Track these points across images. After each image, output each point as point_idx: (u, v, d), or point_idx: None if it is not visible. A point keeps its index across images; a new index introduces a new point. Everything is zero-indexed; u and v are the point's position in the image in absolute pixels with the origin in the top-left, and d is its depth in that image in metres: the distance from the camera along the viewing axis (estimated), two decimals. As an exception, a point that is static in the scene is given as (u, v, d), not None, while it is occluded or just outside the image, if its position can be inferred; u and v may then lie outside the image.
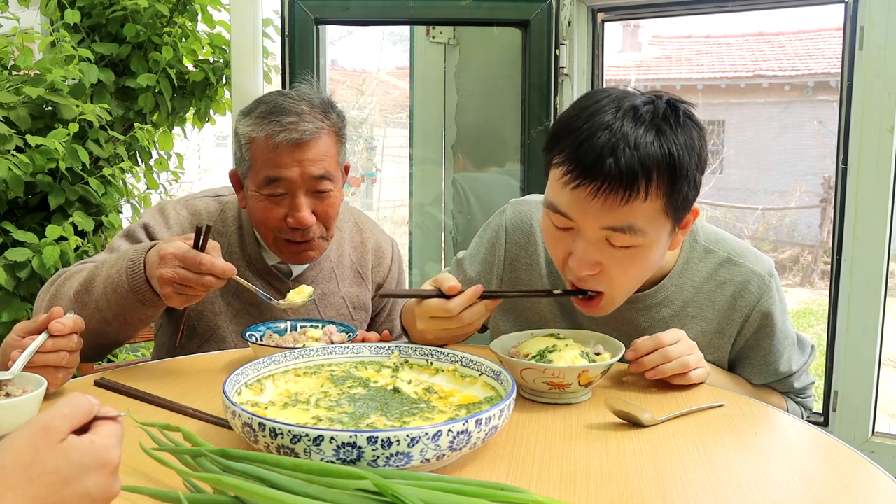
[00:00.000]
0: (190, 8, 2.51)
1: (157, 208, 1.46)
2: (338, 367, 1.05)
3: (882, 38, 1.87)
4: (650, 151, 1.00)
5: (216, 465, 0.73)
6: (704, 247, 1.24)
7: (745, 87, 8.56)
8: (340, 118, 1.40)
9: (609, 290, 1.11)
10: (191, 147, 5.87)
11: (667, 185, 1.02)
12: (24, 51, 2.24)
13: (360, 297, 1.55)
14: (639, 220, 1.03)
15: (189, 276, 1.08)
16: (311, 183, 1.33)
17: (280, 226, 1.34)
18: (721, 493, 0.79)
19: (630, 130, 1.00)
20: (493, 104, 2.61)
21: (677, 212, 1.06)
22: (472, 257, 1.39)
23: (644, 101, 1.04)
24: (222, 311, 1.43)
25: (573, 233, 1.08)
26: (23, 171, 2.07)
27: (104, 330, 1.20)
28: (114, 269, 1.17)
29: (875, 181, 1.90)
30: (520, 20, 2.21)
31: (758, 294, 1.21)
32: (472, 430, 0.78)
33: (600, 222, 1.04)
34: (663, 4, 2.25)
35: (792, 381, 1.29)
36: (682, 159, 1.02)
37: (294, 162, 1.30)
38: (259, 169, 1.32)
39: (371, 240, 1.59)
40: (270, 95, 1.37)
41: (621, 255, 1.07)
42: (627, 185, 1.00)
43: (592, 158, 1.00)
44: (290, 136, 1.29)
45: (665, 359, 1.09)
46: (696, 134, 1.05)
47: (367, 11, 2.23)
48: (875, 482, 0.83)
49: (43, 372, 1.01)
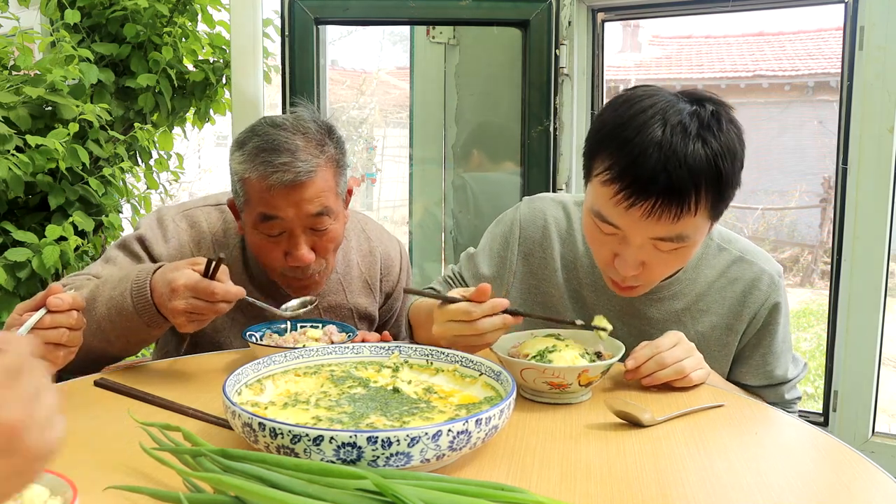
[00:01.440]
0: (190, 8, 2.51)
1: (154, 218, 1.41)
2: (338, 367, 1.05)
3: (882, 38, 1.87)
4: (699, 165, 1.02)
5: (216, 465, 0.73)
6: (718, 244, 1.28)
7: (745, 87, 8.56)
8: (339, 147, 1.33)
9: (647, 282, 1.17)
10: (191, 147, 5.88)
11: (713, 195, 1.06)
12: (24, 51, 2.24)
13: (367, 308, 1.53)
14: (687, 230, 1.07)
15: (202, 306, 1.08)
16: (309, 221, 1.27)
17: (280, 262, 1.31)
18: (721, 493, 0.79)
19: (680, 147, 1.02)
20: (493, 104, 2.62)
21: (718, 214, 1.11)
22: (484, 253, 1.38)
23: (690, 113, 1.05)
24: (226, 327, 1.41)
25: (619, 238, 1.11)
26: (23, 171, 2.07)
27: (105, 349, 1.19)
28: (116, 291, 1.15)
29: (875, 181, 1.90)
30: (520, 20, 2.21)
31: (767, 291, 1.24)
32: (472, 430, 0.78)
33: (650, 234, 1.08)
34: (663, 4, 2.25)
35: (783, 390, 1.29)
36: (727, 168, 1.05)
37: (289, 204, 1.24)
38: (254, 207, 1.27)
39: (380, 248, 1.55)
40: (264, 126, 1.29)
41: (666, 256, 1.11)
42: (679, 202, 1.03)
43: (645, 178, 1.02)
44: (283, 177, 1.22)
45: (660, 365, 1.09)
46: (736, 139, 1.07)
47: (367, 11, 2.23)
48: (875, 482, 0.83)
49: (42, 349, 0.99)
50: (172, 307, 1.08)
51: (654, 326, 1.26)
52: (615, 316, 1.27)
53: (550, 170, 2.24)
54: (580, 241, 1.32)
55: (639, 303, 1.26)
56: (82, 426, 0.94)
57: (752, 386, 1.29)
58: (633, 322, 1.27)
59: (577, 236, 1.32)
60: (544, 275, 1.33)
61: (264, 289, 1.42)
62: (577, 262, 1.31)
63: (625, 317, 1.28)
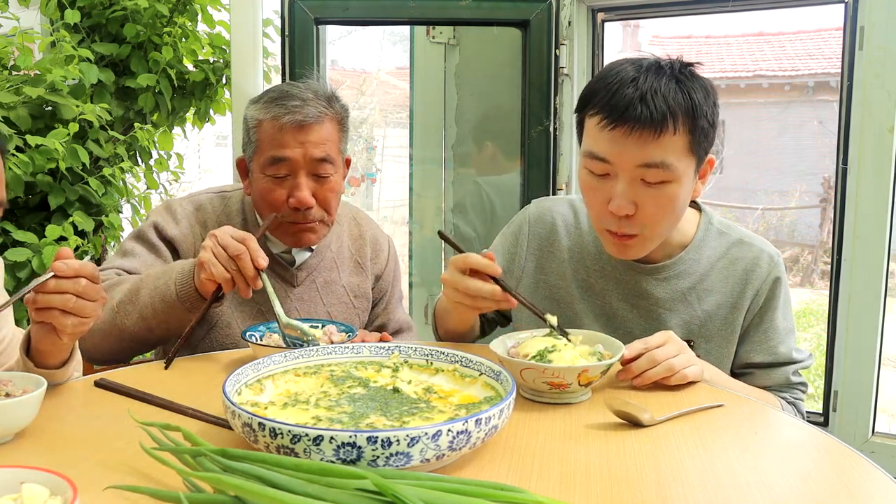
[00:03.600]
0: (190, 8, 2.51)
1: (163, 206, 1.51)
2: (338, 367, 1.05)
3: (882, 38, 1.87)
4: (674, 95, 1.15)
5: (216, 465, 0.73)
6: (718, 229, 1.35)
7: (745, 87, 8.57)
8: (343, 109, 1.46)
9: (643, 230, 1.21)
10: (191, 147, 5.87)
11: (689, 123, 1.16)
12: (24, 51, 2.24)
13: (360, 286, 1.59)
14: (669, 156, 1.15)
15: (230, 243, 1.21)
16: (313, 165, 1.37)
17: (282, 207, 1.39)
18: (721, 493, 0.79)
19: (653, 80, 1.16)
20: (493, 104, 2.61)
21: (699, 150, 1.19)
22: (496, 250, 1.46)
23: (664, 62, 1.21)
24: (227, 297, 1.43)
25: (610, 179, 1.19)
26: (23, 171, 2.07)
27: (146, 336, 1.31)
28: (161, 281, 1.27)
29: (875, 181, 1.90)
30: (520, 20, 2.21)
31: (768, 269, 1.31)
32: (471, 430, 0.78)
33: (635, 160, 1.15)
34: (663, 4, 2.26)
35: (788, 371, 1.31)
36: (700, 103, 1.17)
37: (297, 143, 1.36)
38: (264, 150, 1.38)
39: (368, 233, 1.64)
40: (279, 85, 1.46)
41: (655, 192, 1.17)
42: (658, 121, 1.13)
43: (625, 103, 1.14)
44: (294, 117, 1.35)
45: (651, 363, 1.10)
46: (707, 85, 1.21)
47: (367, 11, 2.23)
48: (875, 482, 0.83)
49: (48, 315, 0.97)
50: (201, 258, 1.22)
51: (661, 306, 1.31)
52: (622, 298, 1.33)
53: (550, 170, 2.24)
54: (587, 233, 1.39)
55: (645, 283, 1.31)
56: (82, 426, 0.94)
57: (758, 364, 1.31)
58: (640, 303, 1.32)
59: (584, 228, 1.40)
60: (552, 268, 1.40)
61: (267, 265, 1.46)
62: (584, 252, 1.38)
63: (632, 298, 1.33)
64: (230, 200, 1.52)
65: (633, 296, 1.33)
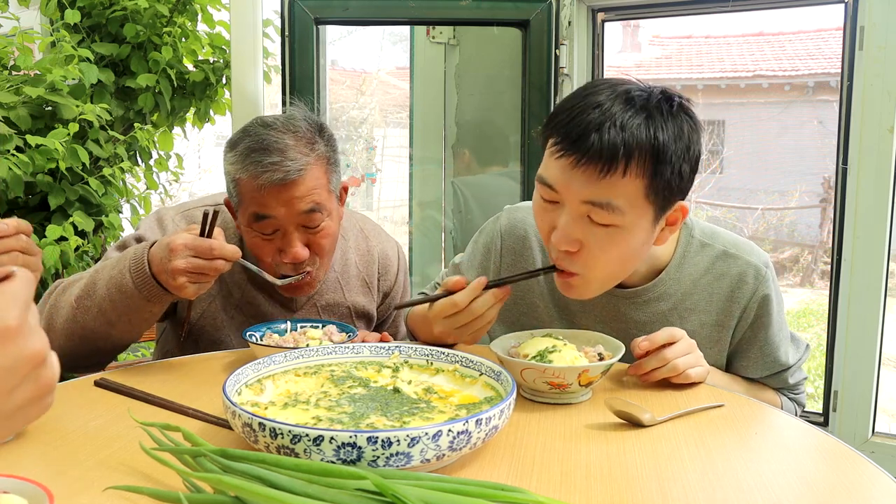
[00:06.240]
0: (190, 8, 2.51)
1: (154, 218, 1.44)
2: (338, 367, 1.05)
3: (882, 38, 1.87)
4: (634, 132, 1.02)
5: (216, 465, 0.73)
6: (700, 241, 1.25)
7: (745, 87, 8.55)
8: (330, 145, 1.35)
9: (584, 271, 1.11)
10: (191, 147, 5.87)
11: (649, 167, 1.03)
12: (24, 51, 2.24)
13: (365, 306, 1.54)
14: (617, 198, 1.04)
15: (201, 264, 1.10)
16: (301, 219, 1.29)
17: (275, 260, 1.33)
18: (721, 493, 0.79)
19: (619, 111, 1.03)
20: (493, 104, 2.62)
21: (658, 199, 1.06)
22: (469, 262, 1.41)
23: (639, 89, 1.07)
24: (225, 326, 1.42)
25: (558, 207, 1.10)
26: (23, 171, 2.07)
27: (108, 332, 1.21)
28: (115, 270, 1.18)
29: (875, 181, 1.90)
30: (520, 20, 2.21)
31: (754, 284, 1.22)
32: (472, 430, 0.78)
33: (581, 195, 1.05)
34: (663, 4, 2.26)
35: (787, 375, 1.29)
36: (668, 146, 1.03)
37: (280, 203, 1.26)
38: (247, 207, 1.30)
39: (377, 248, 1.57)
40: (255, 127, 1.31)
41: (601, 233, 1.07)
42: (607, 160, 1.01)
43: (578, 132, 1.03)
44: (273, 176, 1.24)
45: (660, 362, 1.10)
46: (687, 126, 1.06)
47: (367, 11, 2.23)
48: (875, 482, 0.83)
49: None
50: (173, 267, 1.10)
51: (640, 329, 1.23)
52: (600, 320, 1.27)
53: (550, 170, 2.24)
54: None
55: (624, 306, 1.25)
56: (82, 426, 0.94)
57: (758, 378, 1.29)
58: (618, 326, 1.26)
59: None
60: (528, 285, 1.33)
61: (264, 288, 1.43)
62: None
63: (610, 321, 1.26)
64: (226, 214, 1.43)
65: (611, 319, 1.26)
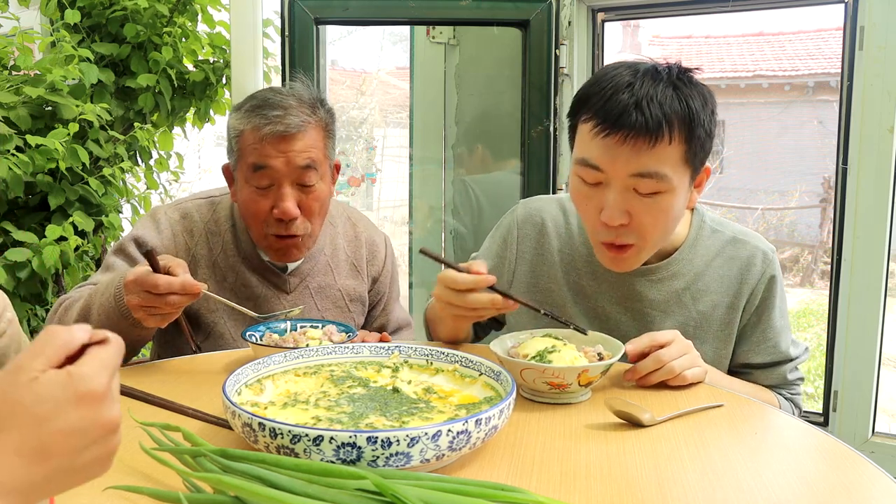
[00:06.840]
0: (190, 8, 2.51)
1: (149, 216, 1.47)
2: (337, 367, 1.05)
3: (882, 38, 1.87)
4: (671, 104, 1.11)
5: (216, 465, 0.73)
6: (711, 227, 1.32)
7: (745, 87, 8.56)
8: (329, 114, 1.42)
9: (638, 241, 1.18)
10: (191, 147, 5.87)
11: (686, 132, 1.12)
12: (24, 51, 2.24)
13: (356, 289, 1.57)
14: (663, 167, 1.11)
15: (151, 299, 1.12)
16: (296, 174, 1.34)
17: (267, 218, 1.36)
18: (721, 493, 0.79)
19: (650, 87, 1.11)
20: (493, 104, 2.62)
21: (695, 160, 1.15)
22: (485, 254, 1.44)
23: (657, 65, 1.16)
24: (218, 308, 1.44)
25: (602, 188, 1.15)
26: (23, 171, 2.07)
27: None
28: (104, 297, 1.21)
29: (875, 181, 1.90)
30: (520, 20, 2.21)
31: (762, 267, 1.29)
32: (471, 430, 0.78)
33: (629, 169, 1.12)
34: (663, 4, 2.26)
35: (786, 369, 1.31)
36: (698, 111, 1.13)
37: (279, 153, 1.33)
38: (246, 158, 1.35)
39: (364, 234, 1.61)
40: (261, 91, 1.40)
41: (649, 202, 1.14)
42: (654, 131, 1.09)
43: (619, 110, 1.10)
44: (275, 128, 1.32)
45: (657, 363, 1.10)
46: (706, 92, 1.17)
47: (367, 11, 2.23)
48: (875, 482, 0.83)
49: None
50: (128, 302, 1.14)
51: (655, 308, 1.29)
52: (615, 301, 1.31)
53: (550, 170, 2.24)
54: (577, 234, 1.36)
55: (638, 285, 1.29)
56: (82, 426, 0.94)
57: (757, 364, 1.31)
58: (633, 305, 1.30)
59: (573, 229, 1.37)
60: (542, 271, 1.37)
61: (257, 270, 1.46)
62: (574, 254, 1.35)
63: (625, 301, 1.30)
64: (219, 206, 1.49)
65: (625, 298, 1.30)
